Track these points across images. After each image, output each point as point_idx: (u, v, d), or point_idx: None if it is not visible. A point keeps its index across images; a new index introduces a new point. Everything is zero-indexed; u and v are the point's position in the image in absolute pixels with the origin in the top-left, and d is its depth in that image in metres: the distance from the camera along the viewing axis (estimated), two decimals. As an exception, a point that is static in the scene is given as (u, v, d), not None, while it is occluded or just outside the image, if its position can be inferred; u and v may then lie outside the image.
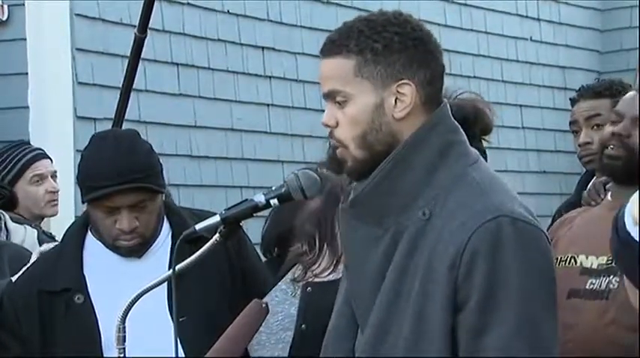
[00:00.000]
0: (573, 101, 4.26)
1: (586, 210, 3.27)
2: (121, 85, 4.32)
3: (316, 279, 2.97)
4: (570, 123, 4.30)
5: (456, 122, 2.34)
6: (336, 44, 2.27)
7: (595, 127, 3.92)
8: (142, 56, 4.78)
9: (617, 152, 3.00)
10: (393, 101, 2.25)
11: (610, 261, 2.94)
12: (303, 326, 2.87)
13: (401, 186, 2.25)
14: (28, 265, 3.28)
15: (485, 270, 2.16)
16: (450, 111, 2.33)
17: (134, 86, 4.64)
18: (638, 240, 1.97)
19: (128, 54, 4.40)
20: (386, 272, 2.24)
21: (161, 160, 3.20)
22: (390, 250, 2.24)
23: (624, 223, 2.01)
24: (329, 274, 2.96)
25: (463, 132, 2.33)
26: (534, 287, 2.19)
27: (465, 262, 2.16)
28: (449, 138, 2.30)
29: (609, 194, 3.13)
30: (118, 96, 4.28)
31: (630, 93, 3.18)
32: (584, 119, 4.02)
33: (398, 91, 2.25)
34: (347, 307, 2.35)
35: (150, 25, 4.98)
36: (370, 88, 2.25)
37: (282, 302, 3.01)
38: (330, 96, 2.27)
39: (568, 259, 2.93)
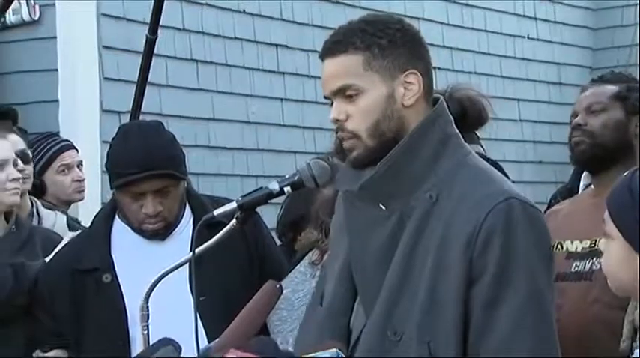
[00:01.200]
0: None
1: (572, 201, 3.29)
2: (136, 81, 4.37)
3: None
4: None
5: (451, 116, 2.37)
6: (340, 44, 2.29)
7: None
8: (164, 53, 4.83)
9: (579, 138, 3.06)
10: (402, 90, 2.29)
11: (593, 245, 2.97)
12: None
13: (408, 171, 2.28)
14: (60, 247, 3.31)
15: (500, 247, 2.19)
16: (446, 106, 2.37)
17: (157, 81, 4.70)
18: None
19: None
20: (392, 251, 2.26)
21: (182, 150, 3.23)
22: (396, 231, 2.27)
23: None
24: None
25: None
26: (539, 263, 2.23)
27: (481, 239, 2.19)
28: (448, 130, 2.34)
29: (591, 185, 3.16)
30: (134, 91, 4.30)
31: (585, 92, 3.22)
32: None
33: (405, 81, 2.29)
34: (342, 286, 2.35)
35: (171, 24, 5.03)
36: (380, 79, 2.28)
37: (302, 282, 3.01)
38: (340, 92, 2.28)
39: (555, 245, 2.94)
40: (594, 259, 2.92)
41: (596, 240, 2.91)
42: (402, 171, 2.28)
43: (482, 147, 3.41)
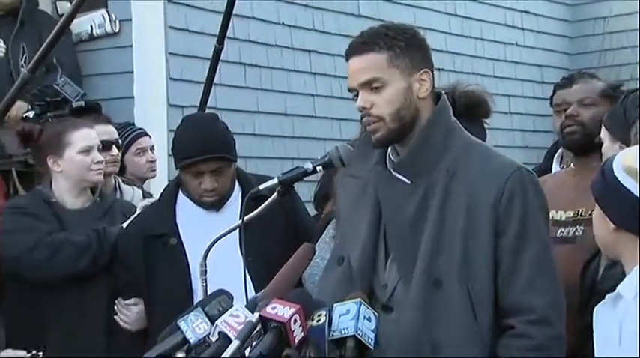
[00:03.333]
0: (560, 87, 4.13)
1: (553, 175, 3.27)
2: (203, 80, 4.38)
3: None
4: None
5: (450, 107, 2.39)
6: (368, 44, 2.30)
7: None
8: (221, 57, 4.81)
9: (573, 128, 3.05)
10: (418, 84, 2.30)
11: (576, 215, 2.95)
12: None
13: (427, 153, 2.30)
14: (135, 215, 3.33)
15: (520, 206, 2.24)
16: (447, 100, 2.39)
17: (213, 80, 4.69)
18: (626, 185, 2.02)
19: (207, 56, 4.45)
20: (422, 217, 2.28)
21: (231, 138, 3.22)
22: (423, 200, 2.29)
23: (612, 168, 2.05)
24: None
25: None
26: (544, 218, 2.31)
27: (505, 200, 2.24)
28: (452, 119, 2.36)
29: (572, 164, 3.15)
30: (202, 89, 4.31)
31: (573, 86, 3.23)
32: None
33: (420, 78, 2.30)
34: (369, 249, 2.35)
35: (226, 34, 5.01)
36: (401, 75, 2.29)
37: (328, 251, 2.99)
38: (366, 84, 2.28)
39: None
40: (577, 226, 2.91)
41: (578, 211, 2.91)
42: (424, 153, 2.29)
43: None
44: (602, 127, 2.73)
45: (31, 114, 4.17)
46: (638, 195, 2.01)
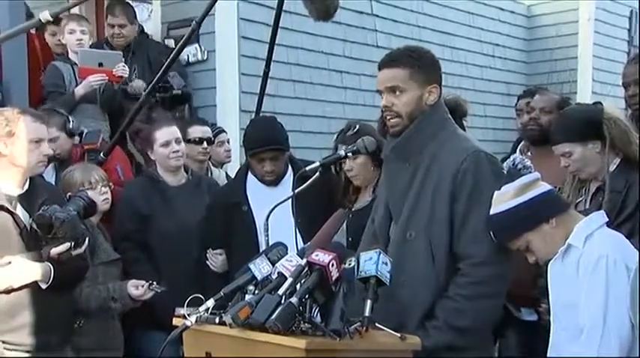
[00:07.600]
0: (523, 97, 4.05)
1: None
2: (265, 93, 4.33)
3: (353, 209, 2.88)
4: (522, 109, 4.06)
5: (446, 109, 2.35)
6: (396, 61, 2.26)
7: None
8: (277, 76, 4.77)
9: (534, 128, 3.10)
10: (427, 95, 2.26)
11: None
12: (349, 239, 2.79)
13: (418, 140, 2.26)
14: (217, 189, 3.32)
15: (472, 179, 2.18)
16: (444, 103, 2.34)
17: (272, 93, 4.67)
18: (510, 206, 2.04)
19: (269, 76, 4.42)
20: (409, 188, 2.25)
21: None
22: (412, 175, 2.26)
23: (492, 216, 2.07)
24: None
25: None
26: (492, 191, 2.19)
27: (460, 175, 2.19)
28: (445, 116, 2.32)
29: (530, 152, 3.16)
30: (257, 100, 4.28)
31: (536, 96, 3.21)
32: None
33: (430, 90, 2.26)
34: (385, 213, 2.33)
35: (281, 60, 4.99)
36: (416, 86, 2.25)
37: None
38: (391, 89, 2.25)
39: None
40: None
41: None
42: (416, 139, 2.25)
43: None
44: (564, 144, 2.50)
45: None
46: (515, 204, 1.99)
